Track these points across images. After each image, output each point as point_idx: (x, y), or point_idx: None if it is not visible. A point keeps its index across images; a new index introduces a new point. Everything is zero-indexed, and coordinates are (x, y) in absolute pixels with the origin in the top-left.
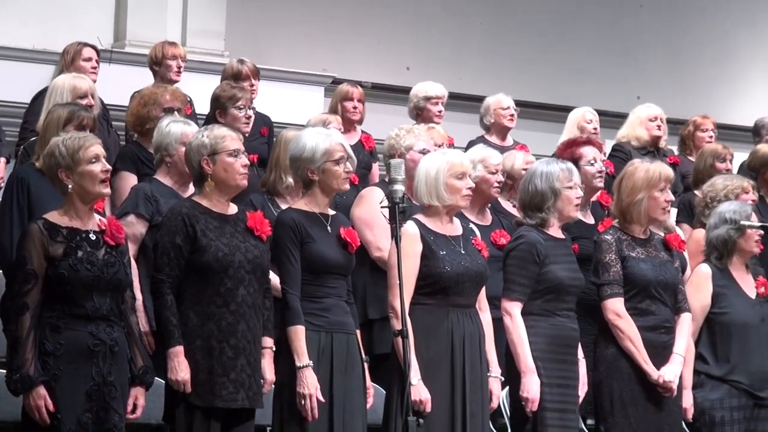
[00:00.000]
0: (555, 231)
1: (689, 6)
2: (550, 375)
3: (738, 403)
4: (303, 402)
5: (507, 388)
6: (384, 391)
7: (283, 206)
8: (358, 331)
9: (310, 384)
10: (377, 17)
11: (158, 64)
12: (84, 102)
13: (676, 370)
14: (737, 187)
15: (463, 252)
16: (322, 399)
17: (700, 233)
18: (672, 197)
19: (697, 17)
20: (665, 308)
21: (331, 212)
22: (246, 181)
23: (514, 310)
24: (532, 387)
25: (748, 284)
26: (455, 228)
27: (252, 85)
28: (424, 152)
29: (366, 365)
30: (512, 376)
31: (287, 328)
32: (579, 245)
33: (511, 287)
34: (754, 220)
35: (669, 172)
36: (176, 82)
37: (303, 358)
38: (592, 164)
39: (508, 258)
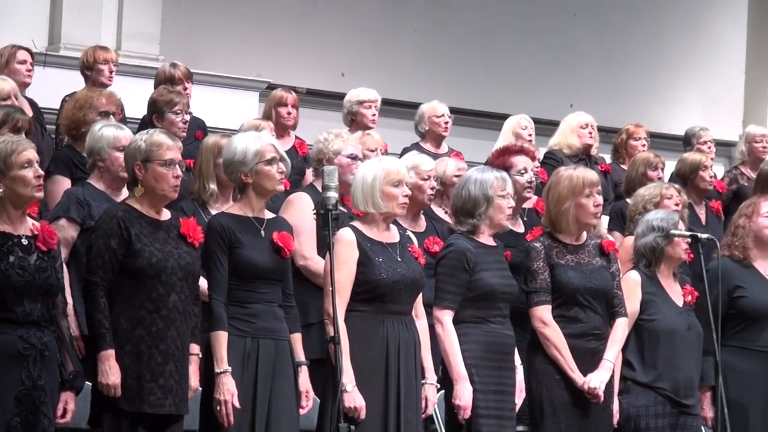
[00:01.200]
0: (486, 239)
1: (622, 15)
2: (484, 382)
3: (663, 410)
4: (219, 408)
5: (441, 394)
6: (317, 398)
7: (214, 211)
8: (298, 335)
9: (226, 390)
10: (313, 23)
11: (90, 68)
12: (7, 104)
13: (604, 376)
14: (656, 195)
15: (399, 259)
16: (238, 405)
17: (629, 241)
18: (601, 200)
19: (630, 26)
20: (595, 315)
21: (269, 215)
22: (176, 193)
23: (445, 317)
24: (464, 394)
25: (675, 292)
26: (392, 235)
27: (185, 89)
28: (352, 157)
29: (304, 369)
30: (446, 384)
31: (209, 334)
32: (511, 253)
33: (441, 295)
34: (682, 228)
35: (593, 176)
36: (108, 86)
37: (222, 363)
38: (522, 174)
39: (439, 266)
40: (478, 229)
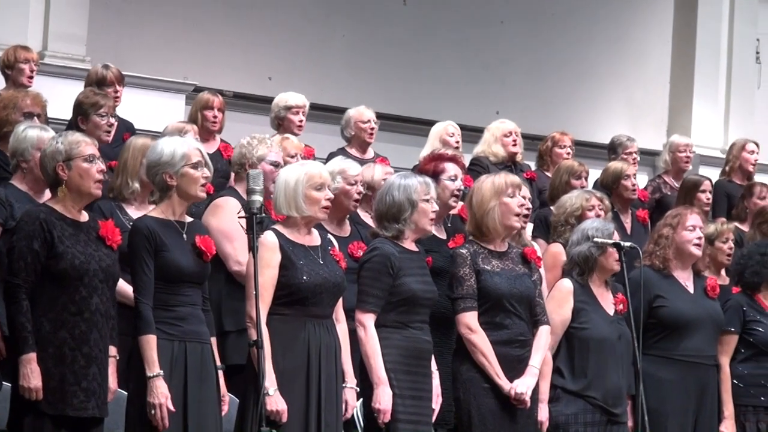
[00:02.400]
0: (409, 244)
1: (549, 23)
2: (403, 387)
3: (592, 418)
4: (153, 412)
5: (362, 399)
6: (238, 401)
7: (131, 211)
8: (213, 339)
9: (160, 393)
10: (240, 26)
11: (10, 67)
12: None
13: (530, 382)
14: (578, 207)
15: (321, 263)
16: (172, 408)
17: (556, 247)
18: (524, 201)
19: (557, 35)
20: (520, 322)
21: (188, 219)
22: (100, 190)
23: (367, 321)
24: (384, 398)
25: (607, 301)
26: (314, 239)
27: (116, 92)
28: (275, 164)
29: (221, 373)
30: (366, 388)
31: (139, 338)
32: (432, 258)
33: (364, 299)
34: (616, 238)
35: (515, 178)
36: (29, 86)
37: (154, 367)
38: (452, 180)
39: (362, 270)
40: (402, 234)
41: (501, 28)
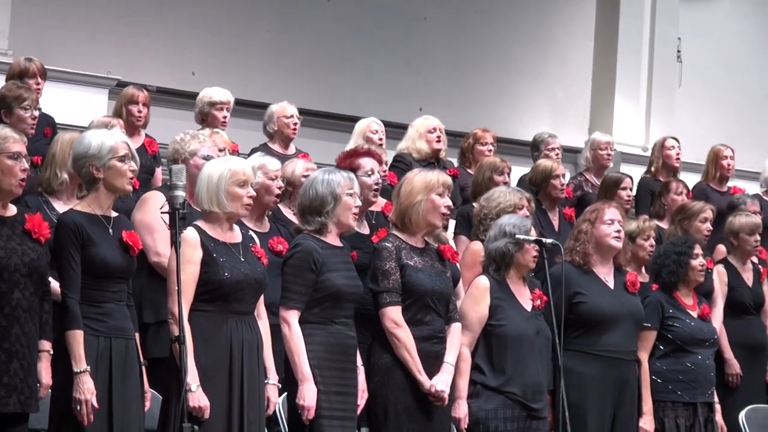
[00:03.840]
0: (333, 239)
1: (472, 20)
2: (327, 383)
3: (512, 414)
4: (78, 408)
5: (285, 395)
6: (160, 396)
7: (58, 206)
8: (137, 335)
9: (86, 390)
10: (164, 21)
11: None
12: None
13: (447, 379)
14: (511, 204)
15: (242, 259)
16: (96, 405)
17: (477, 245)
18: (451, 203)
19: (480, 32)
20: (439, 318)
21: (114, 214)
22: (22, 189)
23: (291, 318)
24: (308, 395)
25: (524, 297)
26: (235, 235)
27: (38, 84)
28: (207, 158)
29: (144, 369)
30: (290, 384)
31: (65, 333)
32: (357, 254)
33: (288, 295)
34: (533, 234)
35: (447, 179)
36: None
37: (80, 363)
38: (369, 175)
39: (286, 266)
40: (325, 228)
41: (424, 24)
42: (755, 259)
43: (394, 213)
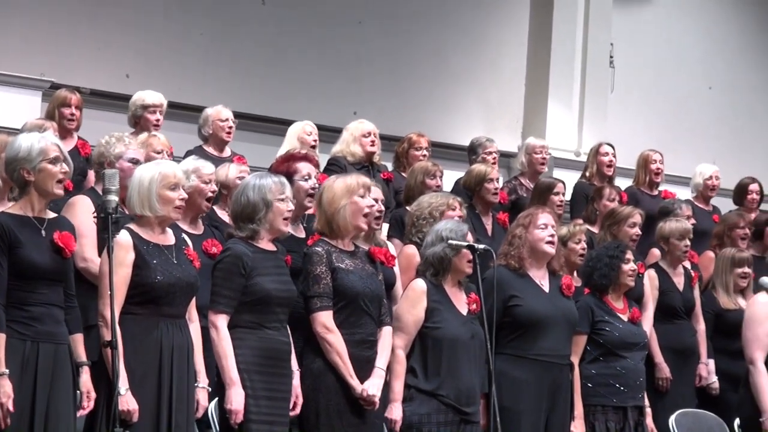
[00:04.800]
0: (265, 243)
1: (407, 25)
2: (256, 387)
3: (445, 418)
4: None
5: (216, 399)
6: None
7: None
8: (79, 336)
9: (3, 393)
10: (97, 23)
11: None
12: None
13: (379, 383)
14: (442, 204)
15: (175, 262)
16: (11, 409)
17: (411, 249)
18: (373, 202)
19: (415, 36)
20: (371, 321)
21: (51, 215)
22: None
23: (219, 322)
24: (235, 399)
25: (460, 301)
26: (168, 238)
27: None
28: (133, 161)
29: (86, 369)
30: (219, 388)
31: None
32: (291, 258)
33: (217, 299)
34: (470, 240)
35: (366, 179)
36: None
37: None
38: (306, 180)
39: (215, 270)
40: (257, 234)
41: (359, 28)
42: (687, 264)
43: (319, 222)
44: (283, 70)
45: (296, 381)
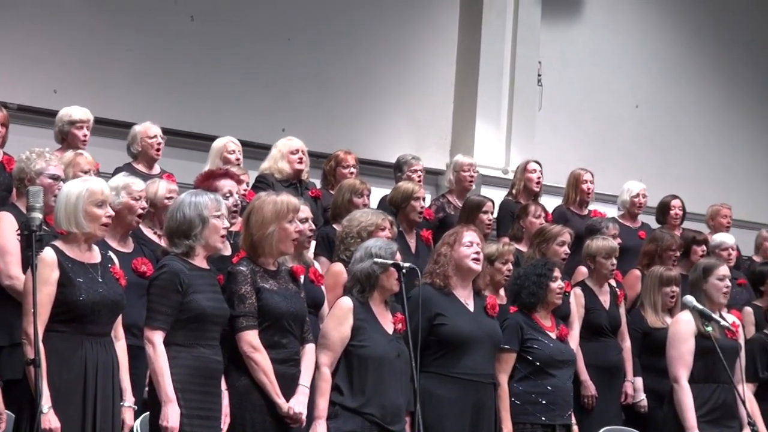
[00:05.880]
0: (200, 261)
1: (335, 42)
2: (190, 406)
3: None
4: None
5: (143, 416)
6: (14, 416)
7: None
8: None
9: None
10: (25, 38)
11: None
12: None
13: (304, 401)
14: (371, 224)
15: (100, 280)
16: None
17: (338, 267)
18: (302, 227)
19: (344, 54)
20: (295, 340)
21: None
22: None
23: (155, 338)
24: (171, 416)
25: (386, 320)
26: (94, 255)
27: None
28: (54, 178)
29: None
30: (152, 404)
31: None
32: (223, 277)
33: (153, 316)
34: (398, 259)
35: (296, 202)
36: None
37: None
38: (227, 197)
39: (151, 287)
40: (193, 251)
41: (288, 45)
42: (613, 282)
43: (245, 242)
44: (212, 86)
45: (225, 400)
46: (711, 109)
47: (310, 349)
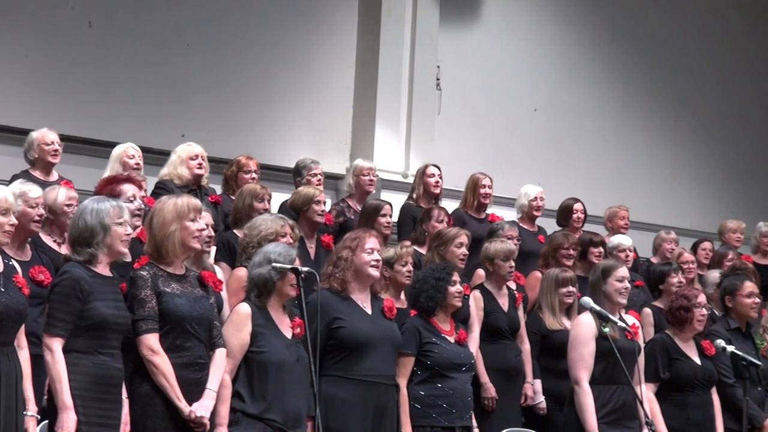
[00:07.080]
0: (103, 269)
1: (235, 47)
2: (89, 414)
3: None
4: None
5: (41, 424)
6: None
7: None
8: None
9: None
10: None
11: None
12: None
13: (209, 405)
14: (272, 233)
15: (3, 290)
16: None
17: (241, 272)
18: (204, 227)
19: (243, 59)
20: (200, 344)
21: None
22: None
23: (54, 345)
24: (67, 424)
25: (284, 325)
26: None
27: None
28: None
29: None
30: (51, 412)
31: None
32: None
33: (52, 322)
34: (297, 264)
35: (197, 202)
36: None
37: None
38: (131, 201)
39: (52, 293)
40: (95, 258)
41: (187, 50)
42: (512, 284)
43: (149, 245)
44: (110, 92)
45: (125, 409)
46: (608, 112)
47: (220, 353)
